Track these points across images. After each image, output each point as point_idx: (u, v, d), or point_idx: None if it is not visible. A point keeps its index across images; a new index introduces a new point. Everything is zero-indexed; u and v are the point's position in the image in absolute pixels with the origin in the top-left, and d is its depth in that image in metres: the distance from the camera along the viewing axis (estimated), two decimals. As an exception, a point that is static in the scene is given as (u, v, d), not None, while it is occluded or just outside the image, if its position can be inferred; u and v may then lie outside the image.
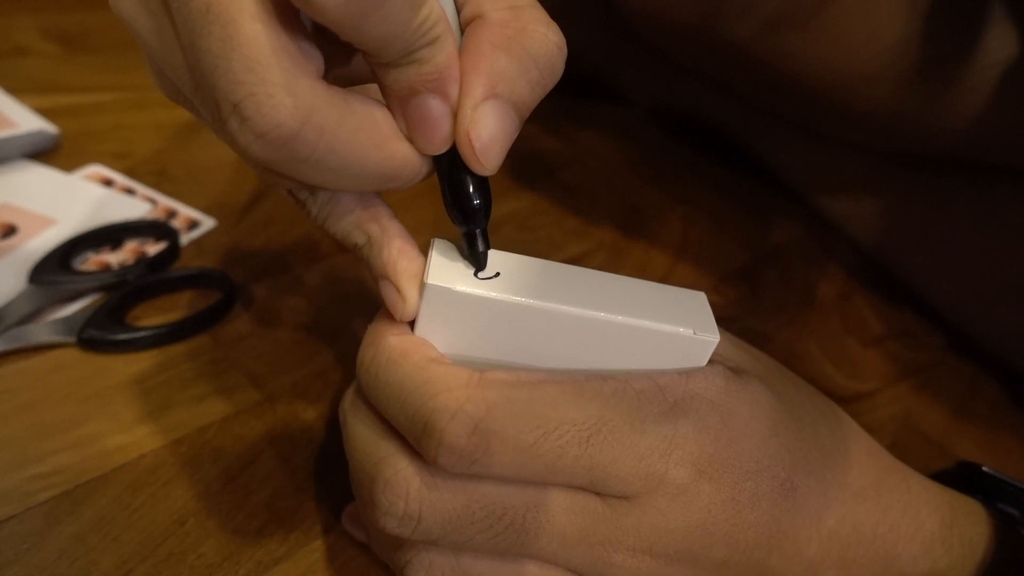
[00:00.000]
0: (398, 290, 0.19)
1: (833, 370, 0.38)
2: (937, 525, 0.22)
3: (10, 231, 0.32)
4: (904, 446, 0.34)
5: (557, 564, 0.19)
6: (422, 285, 0.19)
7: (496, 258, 0.19)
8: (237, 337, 0.30)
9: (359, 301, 0.33)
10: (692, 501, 0.18)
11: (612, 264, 0.41)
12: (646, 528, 0.18)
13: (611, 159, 0.52)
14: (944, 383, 0.39)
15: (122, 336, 0.28)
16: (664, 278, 0.41)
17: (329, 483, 0.25)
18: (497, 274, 0.19)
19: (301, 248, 0.35)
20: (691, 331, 0.19)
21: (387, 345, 0.19)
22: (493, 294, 0.18)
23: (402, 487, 0.18)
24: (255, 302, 0.32)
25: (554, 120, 0.55)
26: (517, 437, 0.17)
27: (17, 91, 0.40)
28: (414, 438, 0.18)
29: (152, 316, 0.30)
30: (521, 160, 0.48)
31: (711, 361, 0.20)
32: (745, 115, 0.50)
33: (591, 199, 0.46)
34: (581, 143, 0.53)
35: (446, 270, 0.19)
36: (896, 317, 0.43)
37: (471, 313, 0.19)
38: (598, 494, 0.19)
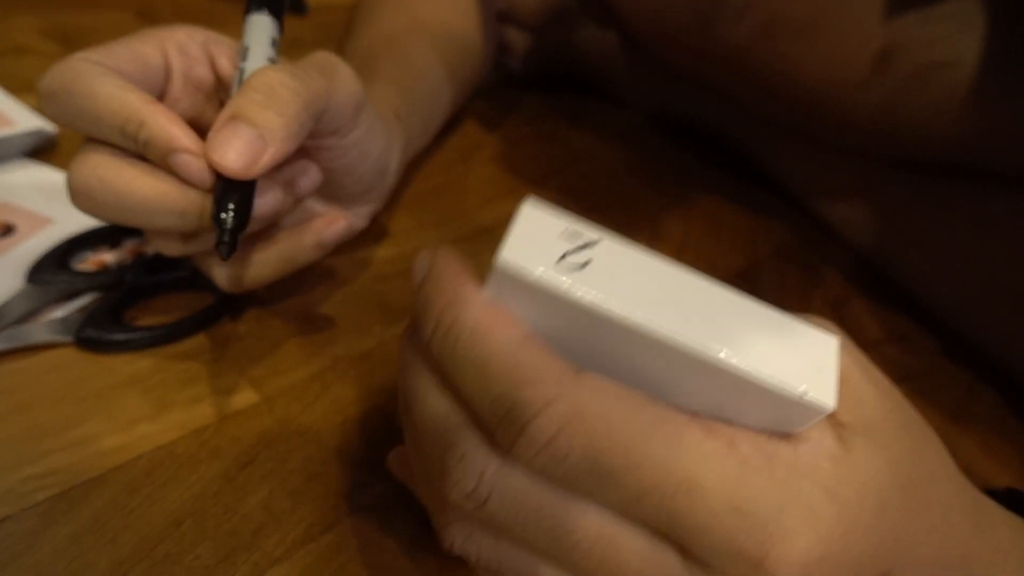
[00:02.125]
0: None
1: (830, 374, 0.38)
2: None
3: (8, 230, 0.32)
4: (901, 450, 0.34)
5: None
6: (492, 262, 0.16)
7: (595, 242, 0.16)
8: (234, 338, 0.30)
9: (357, 303, 0.33)
10: None
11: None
12: None
13: (609, 162, 0.52)
14: (942, 388, 0.39)
15: (120, 336, 0.28)
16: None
17: (326, 485, 0.25)
18: (587, 263, 0.16)
19: (299, 249, 0.35)
20: (802, 390, 0.15)
21: (471, 314, 0.17)
22: (571, 291, 0.15)
23: (478, 465, 0.17)
24: (253, 303, 0.32)
25: (552, 123, 0.55)
26: (600, 458, 0.16)
27: (16, 90, 0.40)
28: (492, 422, 0.16)
29: (150, 316, 0.30)
30: (519, 163, 0.48)
31: None
32: (742, 119, 0.50)
33: (589, 202, 0.46)
34: (579, 146, 0.53)
35: (527, 244, 0.16)
36: (893, 322, 0.43)
37: (545, 305, 0.16)
38: (681, 548, 0.17)
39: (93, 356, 0.28)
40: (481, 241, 0.39)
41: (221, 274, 0.28)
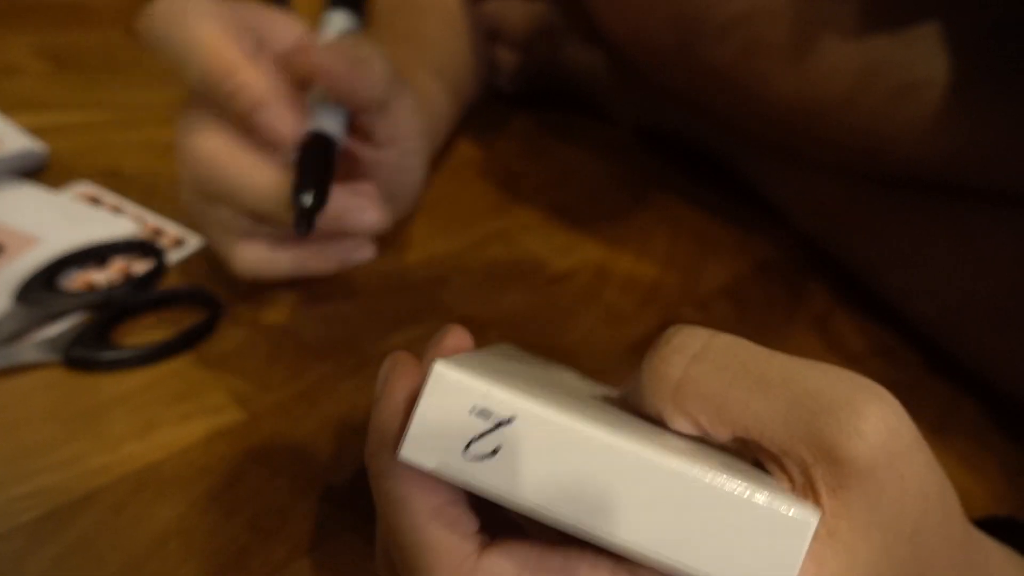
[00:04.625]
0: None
1: (815, 388, 0.38)
2: None
3: (-4, 250, 0.32)
4: (884, 464, 0.35)
5: None
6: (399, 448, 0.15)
7: (508, 421, 0.15)
8: (222, 356, 0.30)
9: (345, 321, 0.33)
10: None
11: (597, 282, 0.41)
12: None
13: (596, 178, 0.53)
14: (924, 402, 0.39)
15: (108, 356, 0.28)
16: (649, 296, 0.41)
17: (313, 503, 0.25)
18: (495, 450, 0.15)
19: (288, 267, 0.36)
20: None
21: (394, 474, 0.16)
22: (477, 483, 0.15)
23: None
24: (240, 321, 0.32)
25: (539, 139, 0.55)
26: None
27: (6, 109, 0.40)
28: None
29: (138, 335, 0.30)
30: (507, 178, 0.49)
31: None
32: (728, 135, 0.51)
33: (576, 217, 0.47)
34: (566, 161, 0.53)
35: (431, 431, 0.15)
36: (877, 336, 0.43)
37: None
38: None
39: (81, 375, 0.28)
40: (470, 256, 0.40)
41: (241, 259, 0.29)
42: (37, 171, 0.38)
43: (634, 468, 0.14)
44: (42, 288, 0.30)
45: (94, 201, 0.36)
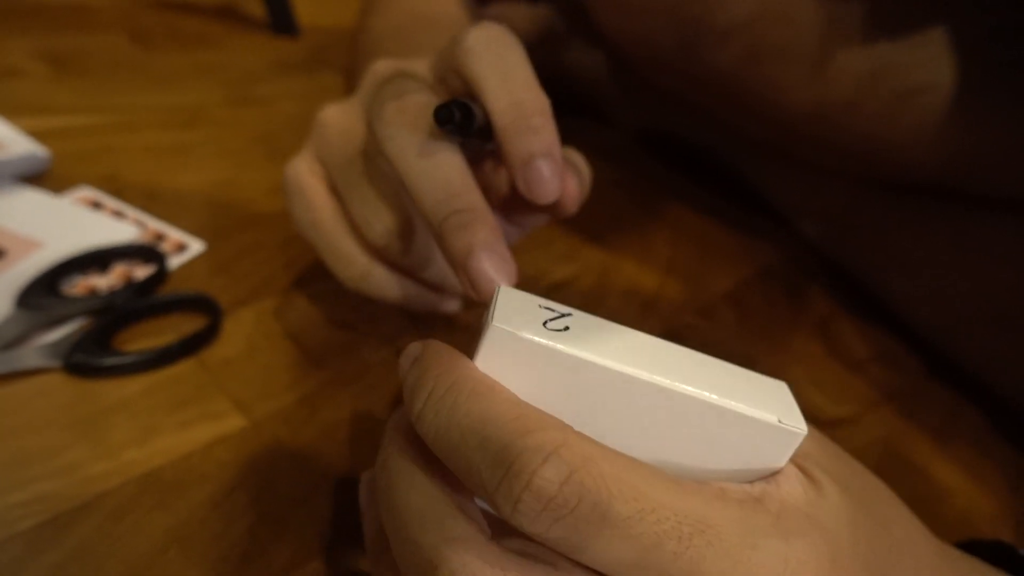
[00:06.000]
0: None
1: (817, 394, 0.38)
2: None
3: (-2, 255, 0.32)
4: (888, 471, 0.34)
5: None
6: (484, 326, 0.17)
7: (567, 314, 0.18)
8: (223, 362, 0.30)
9: (345, 328, 0.33)
10: None
11: (599, 288, 0.41)
12: None
13: (597, 182, 0.52)
14: (927, 408, 0.39)
15: (109, 361, 0.28)
16: (651, 301, 0.41)
17: (313, 511, 0.25)
18: (567, 328, 0.17)
19: (289, 273, 0.35)
20: (776, 419, 0.17)
21: (470, 376, 0.17)
22: (562, 346, 0.17)
23: (471, 556, 0.16)
24: (242, 327, 0.32)
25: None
26: (611, 505, 0.15)
27: (8, 113, 0.40)
28: (494, 482, 0.15)
29: (139, 341, 0.30)
30: (509, 183, 0.49)
31: None
32: (729, 139, 0.51)
33: (578, 222, 0.47)
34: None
35: (513, 314, 0.17)
36: (878, 341, 0.43)
37: (535, 367, 0.17)
38: None
39: (82, 381, 0.28)
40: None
41: (360, 268, 0.28)
42: (39, 175, 0.38)
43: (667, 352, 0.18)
44: (43, 293, 0.30)
45: (96, 206, 0.36)
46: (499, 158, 0.27)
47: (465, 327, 0.35)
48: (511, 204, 0.29)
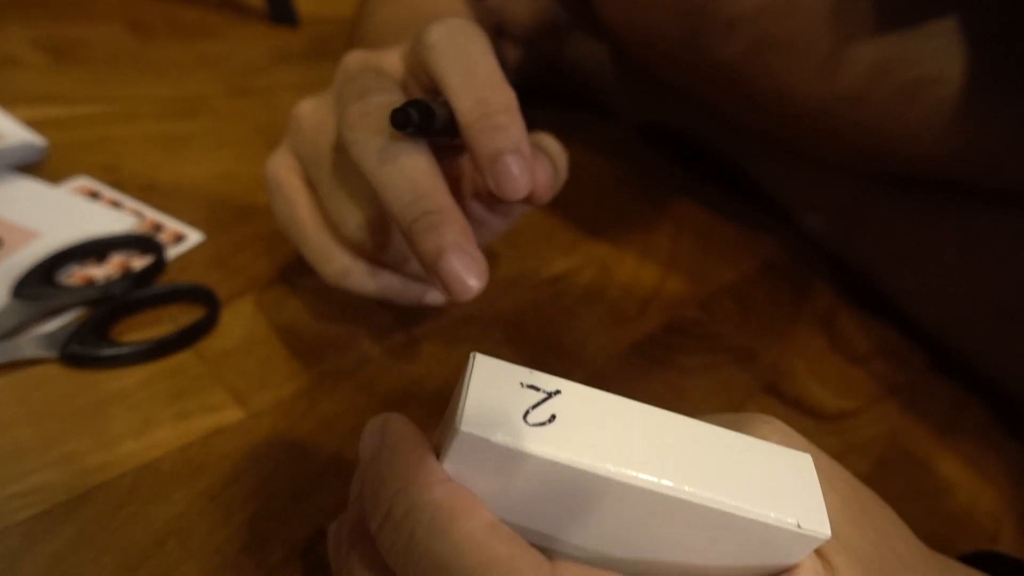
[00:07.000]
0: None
1: (820, 388, 0.38)
2: None
3: (-6, 244, 0.32)
4: (890, 465, 0.34)
5: None
6: (452, 430, 0.14)
7: (555, 393, 0.15)
8: (221, 353, 0.30)
9: (345, 318, 0.33)
10: None
11: (600, 281, 0.41)
12: None
13: (600, 175, 0.52)
14: (929, 402, 0.39)
15: (106, 352, 0.28)
16: (653, 294, 0.41)
17: (311, 504, 0.25)
18: (552, 417, 0.15)
19: (287, 264, 0.35)
20: (796, 523, 0.15)
21: (430, 501, 0.15)
22: (542, 451, 0.14)
23: None
24: (240, 318, 0.32)
25: (544, 136, 0.55)
26: None
27: (5, 102, 0.40)
28: None
29: (136, 331, 0.30)
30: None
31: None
32: (733, 133, 0.50)
33: (580, 215, 0.46)
34: (570, 159, 0.53)
35: (487, 404, 0.15)
36: (882, 336, 0.43)
37: (513, 471, 0.15)
38: None
39: (79, 372, 0.27)
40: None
41: (339, 265, 0.28)
42: (36, 165, 0.37)
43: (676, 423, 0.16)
44: (40, 283, 0.30)
45: (93, 195, 0.36)
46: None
47: (458, 316, 0.35)
48: (492, 195, 0.28)
